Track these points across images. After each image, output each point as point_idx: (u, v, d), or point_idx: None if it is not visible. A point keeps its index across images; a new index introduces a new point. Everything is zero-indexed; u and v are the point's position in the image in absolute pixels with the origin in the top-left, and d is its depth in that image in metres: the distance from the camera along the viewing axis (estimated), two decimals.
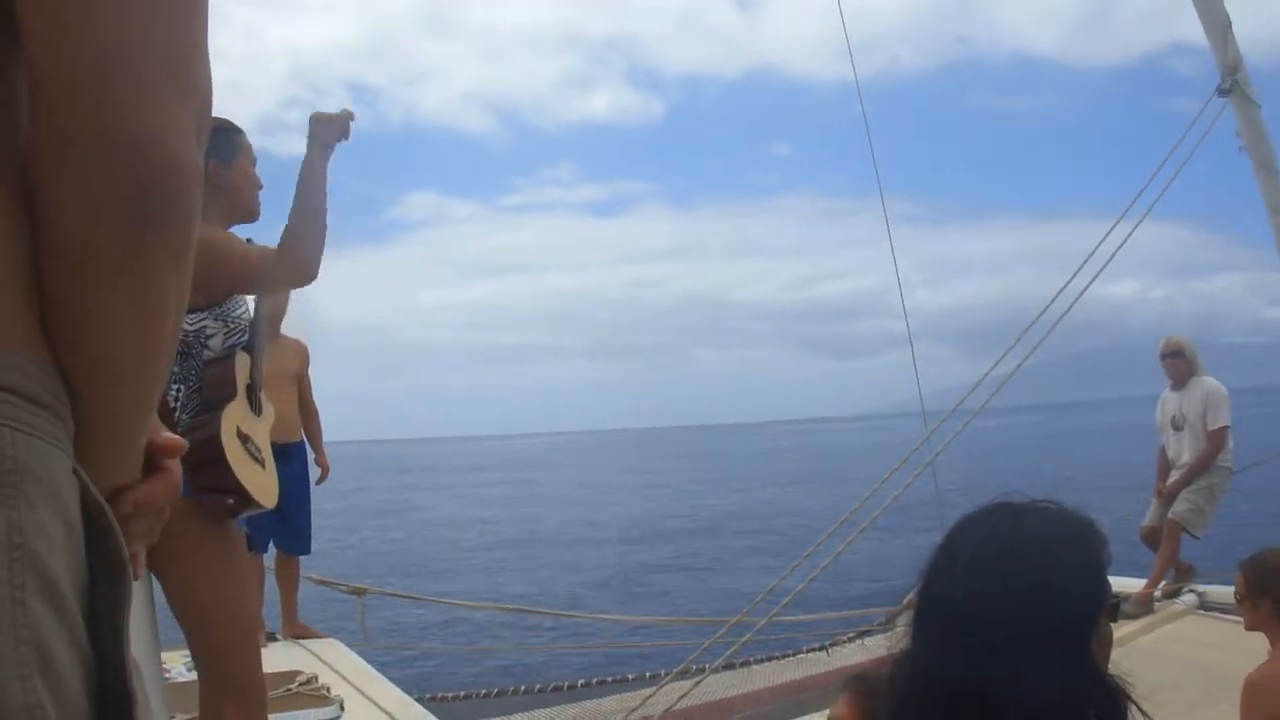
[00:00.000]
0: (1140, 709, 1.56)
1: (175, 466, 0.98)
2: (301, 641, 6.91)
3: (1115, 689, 1.55)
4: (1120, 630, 7.14)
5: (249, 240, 3.61)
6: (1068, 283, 6.28)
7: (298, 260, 3.40)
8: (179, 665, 5.25)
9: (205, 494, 3.11)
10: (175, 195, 0.81)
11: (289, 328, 7.18)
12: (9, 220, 0.79)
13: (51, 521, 0.77)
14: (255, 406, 3.42)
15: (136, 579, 0.99)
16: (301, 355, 7.22)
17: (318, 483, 7.33)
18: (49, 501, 0.77)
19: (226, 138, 3.44)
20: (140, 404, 0.89)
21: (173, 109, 0.79)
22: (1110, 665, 1.61)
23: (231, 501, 3.14)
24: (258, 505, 3.20)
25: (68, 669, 0.75)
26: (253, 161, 3.52)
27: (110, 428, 0.87)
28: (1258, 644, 3.87)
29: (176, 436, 0.99)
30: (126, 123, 0.76)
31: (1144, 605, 7.66)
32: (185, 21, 0.81)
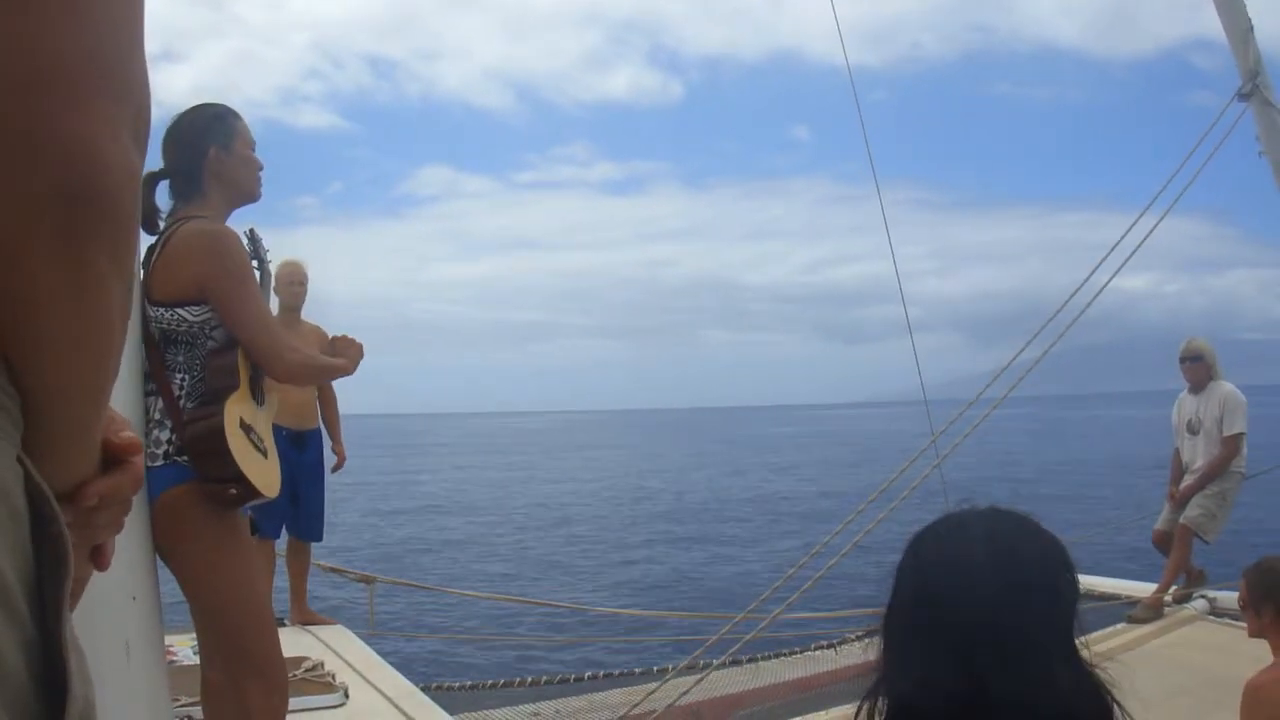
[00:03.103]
0: (1123, 709, 1.54)
1: (138, 462, 0.99)
2: (309, 628, 6.94)
3: (1102, 684, 1.53)
4: (1130, 634, 7.13)
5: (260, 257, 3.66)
6: (1090, 275, 6.26)
7: (289, 375, 3.61)
8: (185, 648, 5.27)
9: (208, 483, 3.14)
10: (109, 197, 0.81)
11: (307, 313, 7.19)
12: None
13: None
14: (258, 397, 3.45)
15: (104, 569, 1.00)
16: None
17: (333, 470, 7.35)
18: None
19: (224, 124, 3.47)
20: (91, 397, 0.90)
21: (106, 112, 0.79)
22: (1114, 669, 1.59)
23: (234, 491, 3.17)
24: (260, 495, 3.22)
25: (7, 647, 0.76)
26: (251, 145, 3.55)
27: (63, 424, 0.88)
28: (1266, 650, 3.87)
29: (134, 435, 0.99)
30: (58, 126, 0.76)
31: (1154, 610, 7.65)
32: (120, 23, 0.81)
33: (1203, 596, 7.88)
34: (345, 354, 3.73)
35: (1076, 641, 1.54)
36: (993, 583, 1.52)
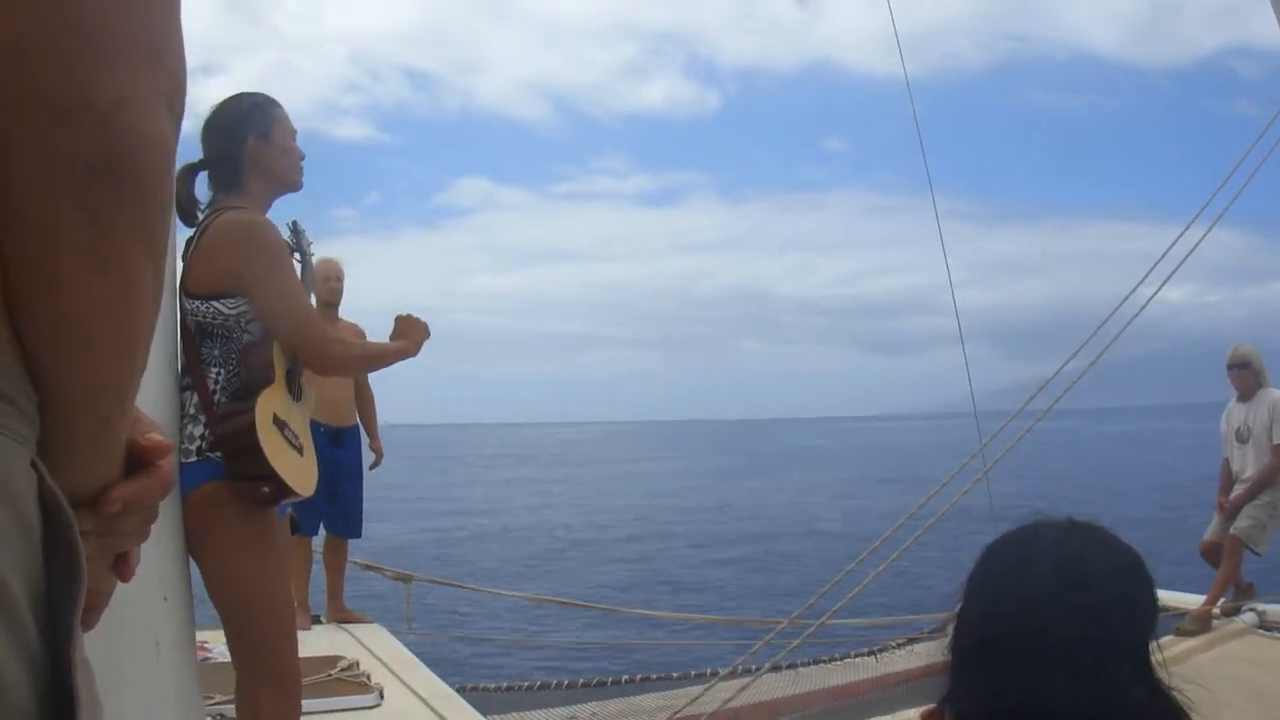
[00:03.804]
0: None
1: (166, 465, 0.94)
2: (345, 626, 6.93)
3: (1179, 707, 1.47)
4: (1177, 648, 7.00)
5: (297, 230, 3.63)
6: (1136, 287, 6.17)
7: (334, 368, 3.83)
8: (220, 645, 5.25)
9: (241, 480, 3.09)
10: (139, 164, 0.76)
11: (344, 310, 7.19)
12: None
13: (3, 515, 0.73)
14: (295, 392, 3.38)
15: (127, 580, 0.95)
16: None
17: (371, 468, 7.36)
18: (1, 494, 0.73)
19: (262, 112, 3.41)
20: (116, 390, 0.84)
21: (137, 78, 0.75)
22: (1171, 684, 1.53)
23: (266, 490, 3.10)
24: (294, 493, 3.14)
25: (10, 666, 0.71)
26: (292, 134, 3.48)
27: (86, 421, 0.83)
28: None
29: (162, 438, 0.94)
30: (86, 90, 0.72)
31: (1202, 623, 7.53)
32: None
33: (1252, 610, 7.75)
34: (408, 335, 3.63)
35: (1154, 661, 1.48)
36: (1063, 596, 1.46)
